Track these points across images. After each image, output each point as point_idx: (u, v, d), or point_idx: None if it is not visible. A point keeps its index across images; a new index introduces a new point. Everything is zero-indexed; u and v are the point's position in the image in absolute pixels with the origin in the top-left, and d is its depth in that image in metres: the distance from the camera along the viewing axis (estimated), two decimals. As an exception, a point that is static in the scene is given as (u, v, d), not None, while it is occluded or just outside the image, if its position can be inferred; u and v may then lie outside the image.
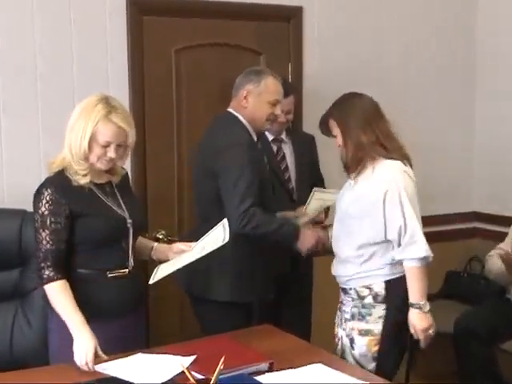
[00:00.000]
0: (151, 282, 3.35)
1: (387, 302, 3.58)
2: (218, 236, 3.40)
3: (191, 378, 2.70)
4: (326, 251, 4.02)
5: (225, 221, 3.43)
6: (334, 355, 3.32)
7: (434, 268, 3.53)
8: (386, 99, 5.08)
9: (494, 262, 4.75)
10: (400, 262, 3.57)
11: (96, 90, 3.34)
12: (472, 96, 5.81)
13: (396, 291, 3.60)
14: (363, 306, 3.62)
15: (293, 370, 3.06)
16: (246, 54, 4.90)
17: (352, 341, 3.61)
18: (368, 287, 3.60)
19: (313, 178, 4.79)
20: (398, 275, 3.60)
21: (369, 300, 3.59)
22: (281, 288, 4.55)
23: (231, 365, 2.86)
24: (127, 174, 3.54)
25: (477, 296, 5.18)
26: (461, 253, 5.66)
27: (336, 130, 3.66)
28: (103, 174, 3.32)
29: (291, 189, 4.67)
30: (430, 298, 3.60)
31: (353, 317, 3.63)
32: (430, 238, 3.56)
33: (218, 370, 2.67)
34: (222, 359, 2.69)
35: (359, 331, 3.60)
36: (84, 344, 3.03)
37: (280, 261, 4.47)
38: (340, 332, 3.70)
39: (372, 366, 3.61)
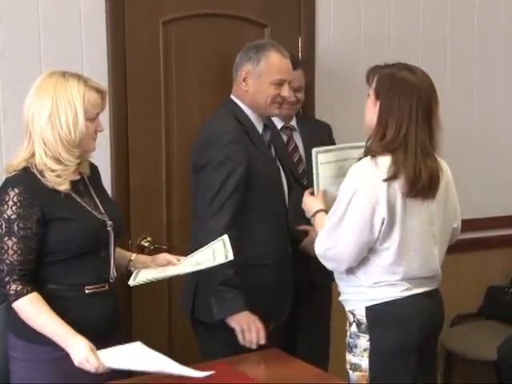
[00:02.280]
0: (131, 283, 3.32)
1: (370, 331, 3.57)
2: (216, 252, 3.42)
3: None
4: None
5: (225, 236, 3.46)
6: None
7: (472, 282, 3.54)
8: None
9: None
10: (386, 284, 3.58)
11: (68, 70, 3.32)
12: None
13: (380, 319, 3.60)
14: (350, 336, 3.64)
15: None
16: (247, 27, 4.89)
17: (348, 377, 3.64)
18: (351, 312, 3.63)
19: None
20: (382, 300, 3.59)
21: (354, 329, 3.61)
22: (295, 307, 4.55)
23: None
24: (96, 166, 3.55)
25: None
26: (505, 264, 5.62)
27: None
28: (75, 167, 3.30)
29: (306, 185, 4.59)
30: (468, 317, 3.61)
31: (347, 346, 3.66)
32: (469, 245, 3.55)
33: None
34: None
35: (350, 365, 3.63)
36: (82, 350, 3.05)
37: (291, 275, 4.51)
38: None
39: None
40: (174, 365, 3.12)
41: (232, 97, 3.98)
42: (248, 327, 3.62)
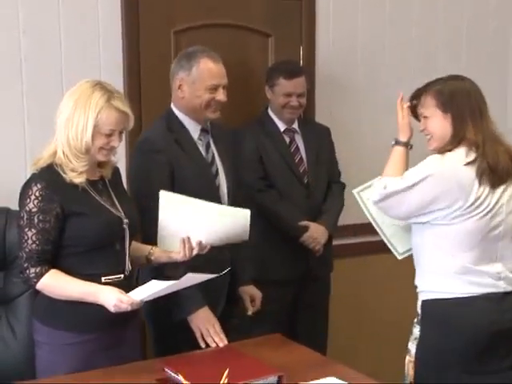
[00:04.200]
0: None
1: (422, 324, 3.64)
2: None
3: (192, 393, 2.74)
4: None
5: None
6: (349, 368, 3.28)
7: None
8: (402, 81, 5.17)
9: None
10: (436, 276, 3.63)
11: (86, 77, 3.35)
12: (504, 87, 5.85)
13: (432, 314, 3.63)
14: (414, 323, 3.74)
15: (304, 383, 3.08)
16: (253, 37, 4.92)
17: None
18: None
19: (330, 173, 4.84)
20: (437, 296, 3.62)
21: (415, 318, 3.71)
22: (297, 295, 4.65)
23: (236, 378, 2.88)
24: (118, 169, 3.55)
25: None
26: None
27: None
28: (95, 168, 3.33)
29: (307, 183, 4.69)
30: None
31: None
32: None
33: (222, 383, 2.71)
34: (226, 372, 2.72)
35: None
36: (113, 296, 3.11)
37: (293, 267, 4.59)
38: None
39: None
40: (196, 276, 3.24)
41: (171, 105, 3.90)
42: (207, 332, 3.56)
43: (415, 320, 3.71)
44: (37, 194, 3.18)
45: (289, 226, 4.55)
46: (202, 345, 3.55)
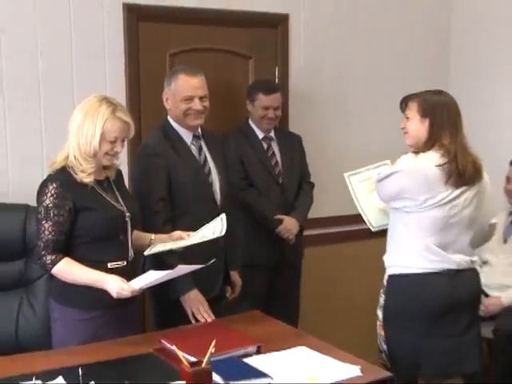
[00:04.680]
0: (146, 253, 3.42)
1: (388, 292, 3.76)
2: (215, 227, 3.45)
3: (184, 361, 2.71)
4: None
5: (223, 215, 3.48)
6: (318, 340, 3.29)
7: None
8: (362, 96, 5.18)
9: None
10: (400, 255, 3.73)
11: (94, 92, 3.34)
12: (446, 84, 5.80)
13: (397, 285, 3.74)
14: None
15: (278, 352, 3.09)
16: (236, 59, 4.91)
17: None
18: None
19: (301, 174, 4.83)
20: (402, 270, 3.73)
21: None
22: (273, 278, 4.64)
23: (222, 348, 2.90)
24: (121, 170, 3.56)
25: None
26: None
27: None
28: (101, 170, 3.33)
29: (281, 183, 4.68)
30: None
31: None
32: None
33: (209, 353, 2.69)
34: (213, 343, 2.72)
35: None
36: (116, 284, 3.12)
37: (270, 254, 4.58)
38: None
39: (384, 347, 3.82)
40: (186, 267, 3.26)
41: (168, 116, 3.89)
42: (197, 310, 3.59)
43: (381, 290, 3.79)
44: (52, 191, 3.19)
45: (266, 219, 4.54)
46: (193, 321, 3.58)
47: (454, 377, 3.96)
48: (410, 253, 3.70)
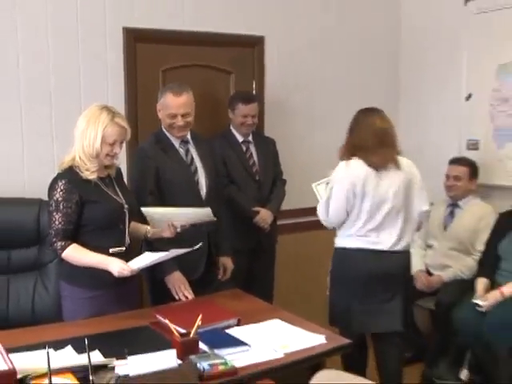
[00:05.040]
0: (143, 209, 3.45)
1: (332, 264, 4.10)
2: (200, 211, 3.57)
3: (175, 332, 2.75)
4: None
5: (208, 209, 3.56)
6: (290, 313, 3.32)
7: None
8: (327, 105, 5.21)
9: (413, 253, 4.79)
10: (343, 237, 4.01)
11: (98, 102, 3.36)
12: (395, 105, 5.88)
13: (338, 259, 4.06)
14: None
15: (255, 324, 3.13)
16: (219, 74, 4.91)
17: None
18: None
19: (274, 172, 4.83)
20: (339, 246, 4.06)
21: None
22: (251, 260, 4.64)
23: (207, 321, 2.92)
24: (120, 169, 3.56)
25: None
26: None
27: None
28: (103, 169, 3.34)
29: (258, 180, 4.68)
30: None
31: None
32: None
33: (196, 325, 2.74)
34: (200, 317, 2.77)
35: None
36: (117, 265, 3.15)
37: (248, 240, 4.60)
38: None
39: None
40: (178, 250, 3.28)
41: (162, 124, 3.91)
42: (178, 288, 3.62)
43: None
44: (62, 187, 3.21)
45: (245, 210, 4.55)
46: (176, 297, 3.60)
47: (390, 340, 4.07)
48: (350, 235, 3.96)
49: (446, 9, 5.38)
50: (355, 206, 3.89)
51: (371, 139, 3.88)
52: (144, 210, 3.46)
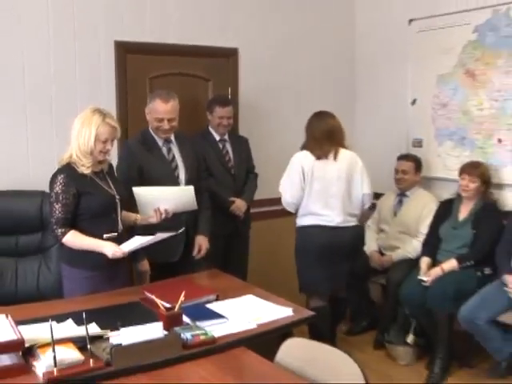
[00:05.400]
0: (135, 189, 3.46)
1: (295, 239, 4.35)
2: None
3: (161, 306, 2.74)
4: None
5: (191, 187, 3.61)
6: (263, 290, 3.31)
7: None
8: (293, 108, 5.22)
9: (368, 236, 5.04)
10: (301, 217, 4.30)
11: (91, 106, 3.35)
12: (353, 108, 5.89)
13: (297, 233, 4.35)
14: None
15: (232, 299, 3.12)
16: (199, 81, 4.88)
17: None
18: None
19: (248, 167, 4.81)
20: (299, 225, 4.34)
21: None
22: (227, 244, 4.62)
23: (189, 297, 2.92)
24: (112, 164, 3.53)
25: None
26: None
27: None
28: (97, 164, 3.31)
29: (233, 174, 4.66)
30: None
31: None
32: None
33: (180, 300, 2.74)
34: (183, 293, 2.77)
35: None
36: (111, 248, 3.16)
37: (225, 226, 4.55)
38: None
39: None
40: (164, 234, 3.28)
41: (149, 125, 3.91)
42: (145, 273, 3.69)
43: None
44: (61, 181, 3.19)
45: (222, 200, 4.52)
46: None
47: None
48: (306, 215, 4.24)
49: (394, 27, 5.41)
50: (306, 188, 4.19)
51: (319, 135, 4.20)
52: (134, 189, 3.45)
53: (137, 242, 3.22)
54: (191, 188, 3.60)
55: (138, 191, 3.48)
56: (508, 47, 4.53)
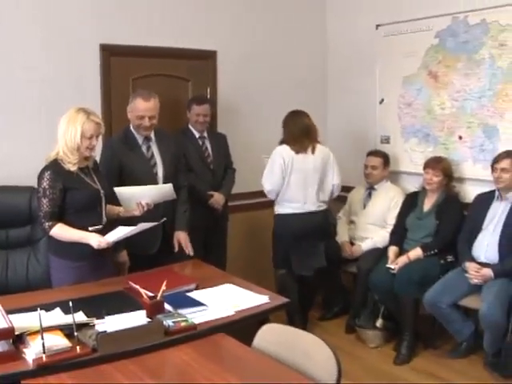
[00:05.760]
0: (116, 189, 3.43)
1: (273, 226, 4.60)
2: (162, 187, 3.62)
3: (144, 295, 2.73)
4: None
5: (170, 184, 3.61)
6: (239, 278, 3.31)
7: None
8: (268, 106, 5.22)
9: (339, 227, 5.09)
10: (279, 205, 4.55)
11: (84, 107, 3.33)
12: (325, 107, 5.90)
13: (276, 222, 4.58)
14: None
15: (211, 288, 3.11)
16: (179, 81, 4.85)
17: None
18: None
19: (226, 163, 4.80)
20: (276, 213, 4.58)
21: None
22: (207, 236, 4.61)
23: (171, 286, 2.90)
24: (96, 160, 3.51)
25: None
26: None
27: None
28: (83, 160, 3.28)
29: (212, 169, 4.65)
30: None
31: None
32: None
33: (162, 289, 2.73)
34: (165, 282, 2.76)
35: None
36: (96, 239, 3.14)
37: (204, 219, 4.53)
38: None
39: None
40: (146, 224, 3.27)
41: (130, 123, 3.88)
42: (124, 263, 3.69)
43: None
44: (48, 177, 3.17)
45: (201, 194, 4.51)
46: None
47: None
48: (283, 202, 4.50)
49: (363, 32, 5.42)
50: (286, 178, 4.42)
51: (298, 132, 4.42)
52: (116, 189, 3.43)
53: (121, 232, 3.20)
54: (170, 185, 3.60)
55: (120, 190, 3.46)
56: (466, 52, 4.60)
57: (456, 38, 4.65)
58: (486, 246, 4.11)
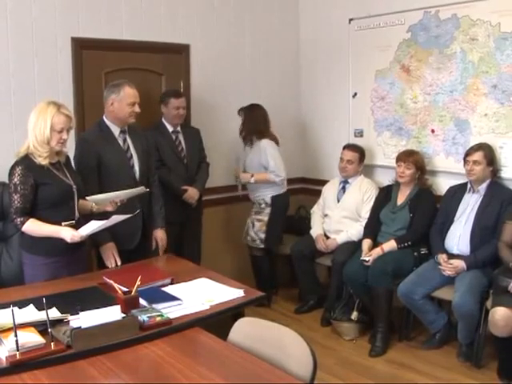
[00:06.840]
0: (88, 198, 3.35)
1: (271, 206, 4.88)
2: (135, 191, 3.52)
3: (119, 290, 2.71)
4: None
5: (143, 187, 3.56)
6: (214, 272, 3.31)
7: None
8: (240, 100, 5.23)
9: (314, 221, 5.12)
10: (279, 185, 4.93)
11: (55, 100, 3.30)
12: (298, 102, 5.90)
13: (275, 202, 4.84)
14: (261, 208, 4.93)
15: (186, 282, 3.11)
16: (152, 75, 4.83)
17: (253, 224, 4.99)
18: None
19: (199, 157, 4.80)
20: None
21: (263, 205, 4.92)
22: (181, 230, 4.61)
23: (145, 281, 2.90)
24: (68, 156, 3.47)
25: (303, 230, 5.27)
26: (293, 203, 5.61)
27: None
28: (54, 155, 3.25)
29: (186, 163, 4.64)
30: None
31: (255, 213, 5.00)
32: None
33: (136, 284, 2.72)
34: (139, 277, 2.74)
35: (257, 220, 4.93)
36: (69, 233, 3.11)
37: (179, 213, 4.53)
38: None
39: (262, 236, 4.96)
40: (119, 216, 3.24)
41: (103, 116, 3.79)
42: (107, 256, 3.59)
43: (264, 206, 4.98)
44: (19, 172, 3.14)
45: (175, 189, 4.51)
46: (108, 265, 3.57)
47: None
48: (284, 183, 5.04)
49: (335, 26, 5.44)
50: None
51: (263, 125, 4.85)
52: (89, 198, 3.36)
53: (93, 225, 3.17)
54: (143, 188, 3.56)
55: (93, 199, 3.39)
56: (438, 46, 4.65)
57: (428, 33, 4.69)
58: (459, 237, 4.17)
